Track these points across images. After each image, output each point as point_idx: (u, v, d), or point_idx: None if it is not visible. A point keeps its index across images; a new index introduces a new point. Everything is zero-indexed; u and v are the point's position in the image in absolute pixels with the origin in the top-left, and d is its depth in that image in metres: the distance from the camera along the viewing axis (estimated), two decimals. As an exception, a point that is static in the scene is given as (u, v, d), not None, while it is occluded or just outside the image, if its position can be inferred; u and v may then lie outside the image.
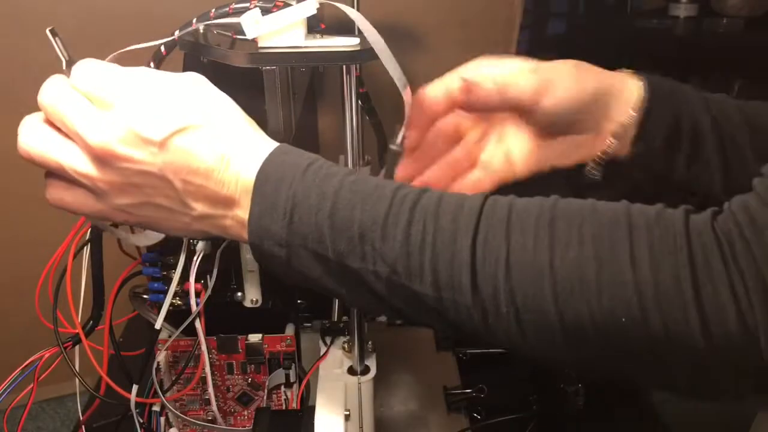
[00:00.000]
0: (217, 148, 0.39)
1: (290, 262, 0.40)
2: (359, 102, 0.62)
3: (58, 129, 0.41)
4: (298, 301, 0.72)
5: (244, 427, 0.70)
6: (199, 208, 0.40)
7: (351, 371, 0.64)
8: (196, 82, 0.42)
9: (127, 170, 0.39)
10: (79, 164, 0.40)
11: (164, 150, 0.39)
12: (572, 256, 0.35)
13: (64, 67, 0.42)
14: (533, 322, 0.36)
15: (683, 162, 0.53)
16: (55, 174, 0.42)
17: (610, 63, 0.55)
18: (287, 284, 0.56)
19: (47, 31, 0.43)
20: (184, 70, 0.55)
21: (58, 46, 0.43)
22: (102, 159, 0.39)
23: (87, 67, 0.41)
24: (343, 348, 0.66)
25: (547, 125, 0.53)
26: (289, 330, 0.66)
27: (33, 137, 0.41)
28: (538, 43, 1.50)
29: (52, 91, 0.40)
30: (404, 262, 0.37)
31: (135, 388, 0.57)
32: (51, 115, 0.40)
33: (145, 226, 0.44)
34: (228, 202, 0.40)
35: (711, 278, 0.33)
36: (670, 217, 0.36)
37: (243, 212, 0.40)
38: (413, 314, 0.40)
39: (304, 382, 0.67)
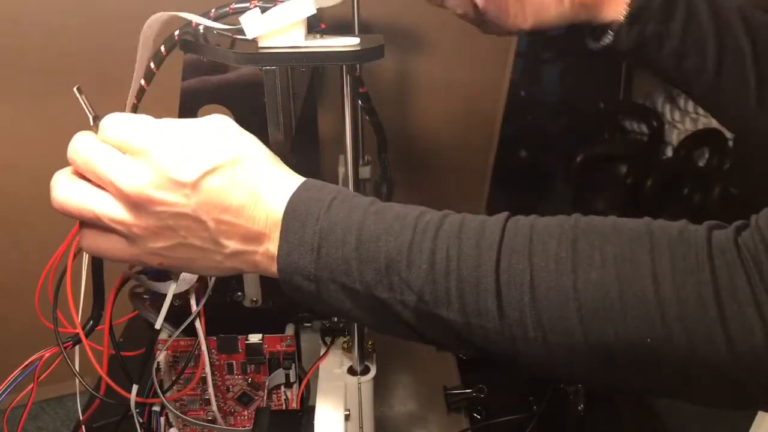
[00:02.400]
0: (246, 185, 0.40)
1: (320, 295, 0.40)
2: (359, 102, 0.62)
3: (89, 181, 0.42)
4: (298, 301, 0.72)
5: (244, 427, 0.70)
6: (232, 245, 0.41)
7: (351, 371, 0.64)
8: (222, 123, 0.43)
9: (162, 213, 0.40)
10: (115, 211, 0.41)
11: (197, 191, 0.40)
12: (595, 278, 0.35)
13: (91, 123, 0.44)
14: (561, 345, 0.36)
15: (678, 28, 0.57)
16: (89, 224, 0.43)
17: (612, 61, 0.55)
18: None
19: (74, 89, 0.44)
20: (184, 69, 0.55)
21: (84, 103, 0.44)
22: (137, 204, 0.40)
23: (114, 119, 0.42)
24: (343, 348, 0.66)
25: None
26: (289, 330, 0.66)
27: (67, 190, 0.42)
28: (538, 42, 1.50)
29: (83, 145, 0.42)
30: (431, 290, 0.38)
31: (135, 388, 0.57)
32: (82, 167, 0.42)
33: (178, 268, 0.45)
34: (259, 238, 0.41)
35: (735, 297, 0.33)
36: (693, 235, 0.35)
37: (273, 246, 0.41)
38: (443, 340, 0.40)
39: (304, 382, 0.67)
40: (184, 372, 0.65)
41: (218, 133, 0.42)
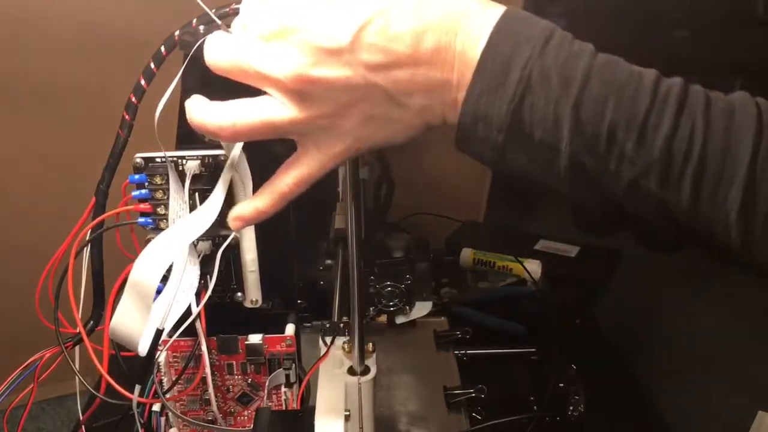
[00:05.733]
0: (417, 27, 0.34)
1: (504, 148, 0.35)
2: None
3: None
4: (298, 301, 0.72)
5: (244, 427, 0.70)
6: (417, 101, 0.36)
7: (351, 371, 0.64)
8: None
9: (331, 93, 0.36)
10: (281, 113, 0.37)
11: (358, 52, 0.34)
12: None
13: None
14: None
15: None
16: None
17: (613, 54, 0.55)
18: (290, 282, 0.56)
19: None
20: (184, 70, 0.55)
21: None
22: (301, 93, 0.36)
23: (249, 7, 0.38)
24: (343, 348, 0.66)
25: None
26: (289, 330, 0.66)
27: (233, 111, 0.38)
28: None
29: (222, 47, 0.37)
30: (660, 169, 0.33)
31: (137, 388, 0.57)
32: (230, 71, 0.37)
33: (369, 145, 0.39)
34: (445, 86, 0.35)
35: None
36: None
37: (461, 94, 0.35)
38: (643, 213, 0.35)
39: (304, 382, 0.67)
40: (184, 372, 0.65)
41: None
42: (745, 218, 0.33)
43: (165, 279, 0.60)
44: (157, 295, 0.60)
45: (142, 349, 0.52)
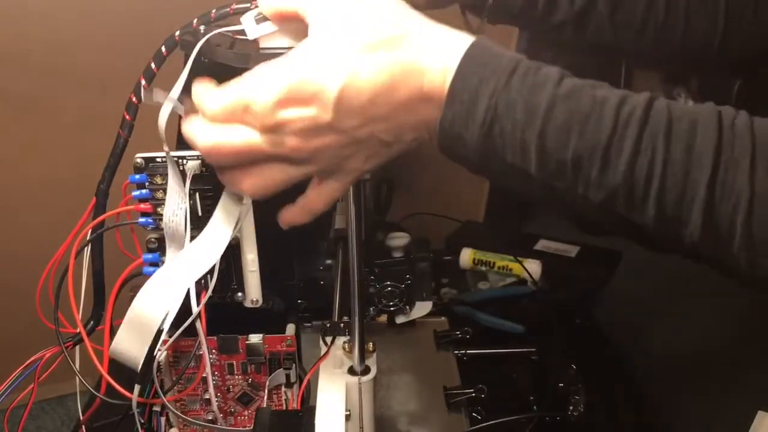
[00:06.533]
0: (386, 84, 0.37)
1: (482, 167, 0.39)
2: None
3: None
4: (298, 301, 0.72)
5: (245, 427, 0.70)
6: (407, 136, 0.40)
7: (351, 371, 0.64)
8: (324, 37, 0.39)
9: (331, 152, 0.40)
10: (295, 171, 0.41)
11: (341, 121, 0.38)
12: None
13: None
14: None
15: None
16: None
17: (611, 62, 0.55)
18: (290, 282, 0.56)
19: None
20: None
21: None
22: (305, 158, 0.40)
23: (229, 99, 0.41)
24: (343, 348, 0.66)
25: None
26: (290, 330, 0.66)
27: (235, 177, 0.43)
28: (538, 43, 1.50)
29: (222, 146, 0.41)
30: (624, 194, 0.35)
31: (137, 388, 0.57)
32: (234, 161, 0.42)
33: (377, 166, 0.43)
34: (427, 121, 0.39)
35: None
36: None
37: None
38: (615, 230, 0.38)
39: (305, 382, 0.67)
40: (185, 372, 0.65)
41: (322, 47, 0.38)
42: (708, 235, 0.34)
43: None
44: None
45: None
